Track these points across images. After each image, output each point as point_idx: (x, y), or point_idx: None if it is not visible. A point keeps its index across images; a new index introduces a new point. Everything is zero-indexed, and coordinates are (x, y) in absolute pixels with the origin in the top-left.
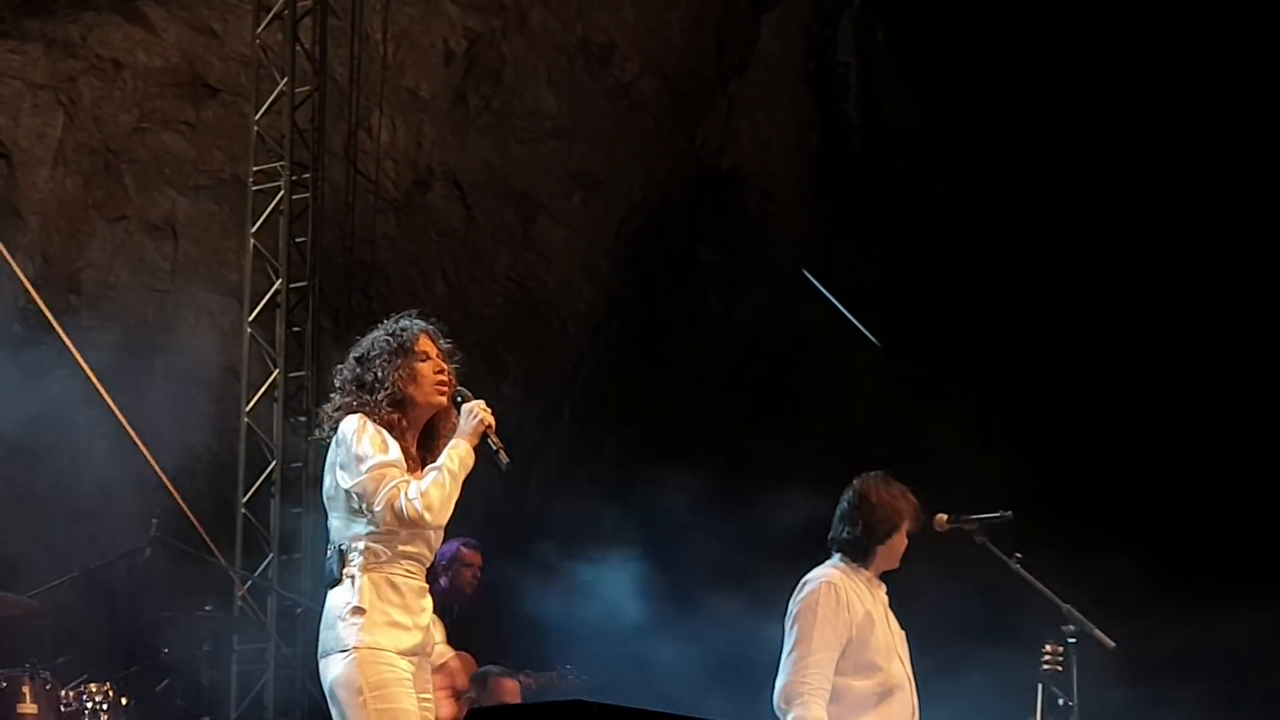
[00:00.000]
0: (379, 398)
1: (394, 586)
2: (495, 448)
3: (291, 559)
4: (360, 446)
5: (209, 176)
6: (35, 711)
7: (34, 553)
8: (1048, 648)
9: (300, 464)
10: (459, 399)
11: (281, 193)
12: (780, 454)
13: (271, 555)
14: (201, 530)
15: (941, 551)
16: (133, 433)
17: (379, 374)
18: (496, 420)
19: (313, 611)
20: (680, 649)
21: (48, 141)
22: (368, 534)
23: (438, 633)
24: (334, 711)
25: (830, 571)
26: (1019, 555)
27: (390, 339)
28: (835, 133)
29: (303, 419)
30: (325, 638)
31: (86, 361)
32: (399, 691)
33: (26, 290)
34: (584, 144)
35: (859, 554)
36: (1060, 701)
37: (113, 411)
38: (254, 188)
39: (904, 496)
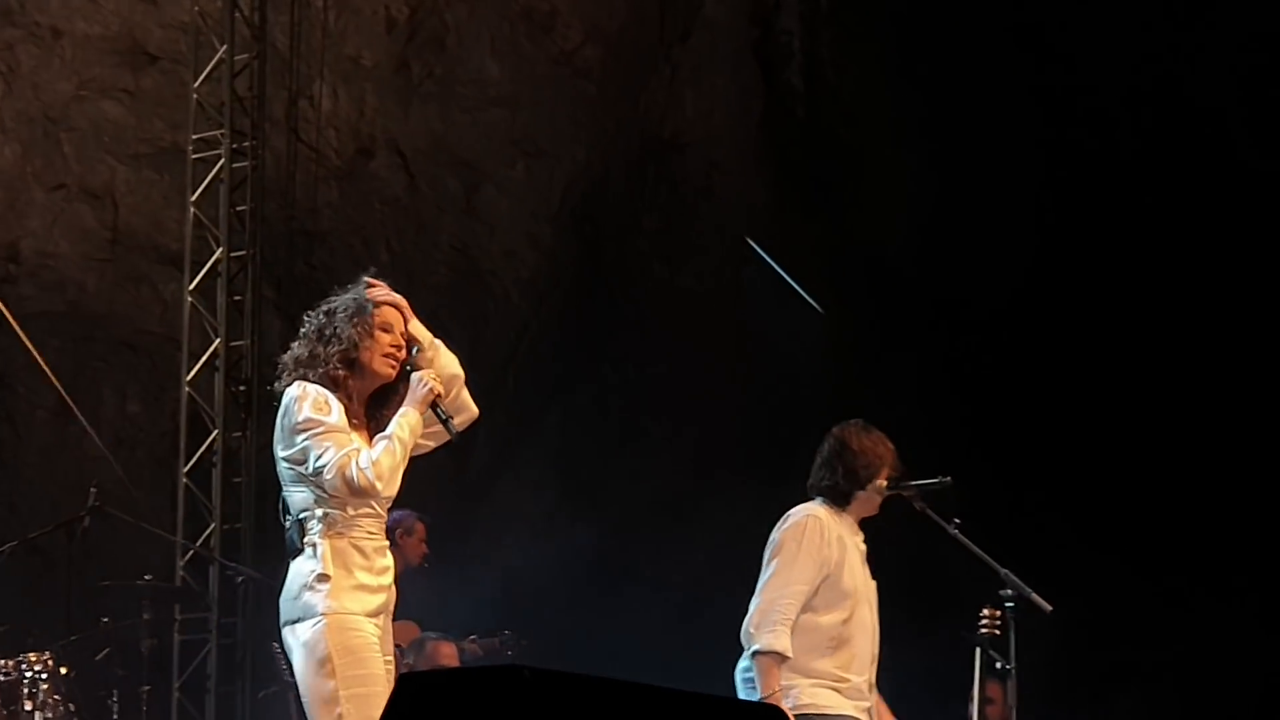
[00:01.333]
0: (331, 351)
1: (358, 549)
2: (444, 416)
3: (233, 529)
4: (303, 412)
5: (149, 145)
6: None
7: None
8: (985, 612)
9: (241, 434)
10: (408, 367)
11: (222, 161)
12: (724, 421)
13: (213, 525)
14: (142, 500)
15: (880, 516)
16: (72, 403)
17: (338, 329)
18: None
19: (255, 582)
20: (625, 616)
21: None
22: (322, 501)
23: None
24: (302, 679)
25: (815, 507)
26: (958, 521)
27: (356, 301)
28: (779, 100)
29: (243, 388)
30: (290, 607)
31: (26, 331)
32: (368, 657)
33: None
34: (527, 112)
35: (839, 498)
36: (998, 665)
37: (53, 381)
38: (194, 156)
39: (883, 443)
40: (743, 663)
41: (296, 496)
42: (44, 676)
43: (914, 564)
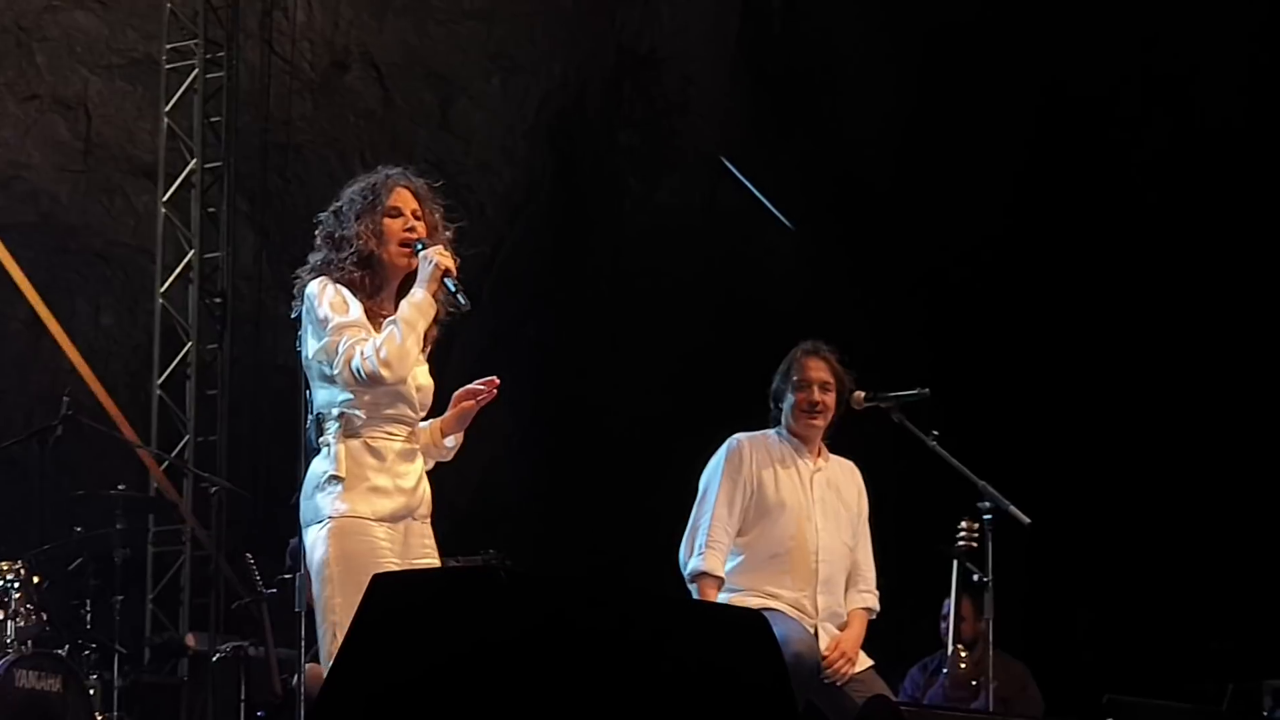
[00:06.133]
0: (345, 255)
1: (372, 450)
2: (455, 289)
3: (208, 441)
4: (321, 309)
5: (122, 55)
6: None
7: None
8: (963, 524)
9: (215, 346)
10: (419, 246)
11: (195, 72)
12: (698, 337)
13: (187, 437)
14: (115, 411)
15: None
16: (47, 311)
17: (347, 231)
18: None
19: (229, 493)
20: (599, 532)
21: None
22: (343, 400)
23: None
24: (311, 582)
25: (743, 435)
26: (936, 433)
27: (362, 193)
28: (755, 16)
29: (218, 300)
30: (304, 507)
31: None
32: (368, 563)
33: None
34: (503, 26)
35: (776, 417)
36: (975, 577)
37: (25, 293)
38: (167, 66)
39: (796, 350)
40: None
41: (320, 394)
42: (16, 585)
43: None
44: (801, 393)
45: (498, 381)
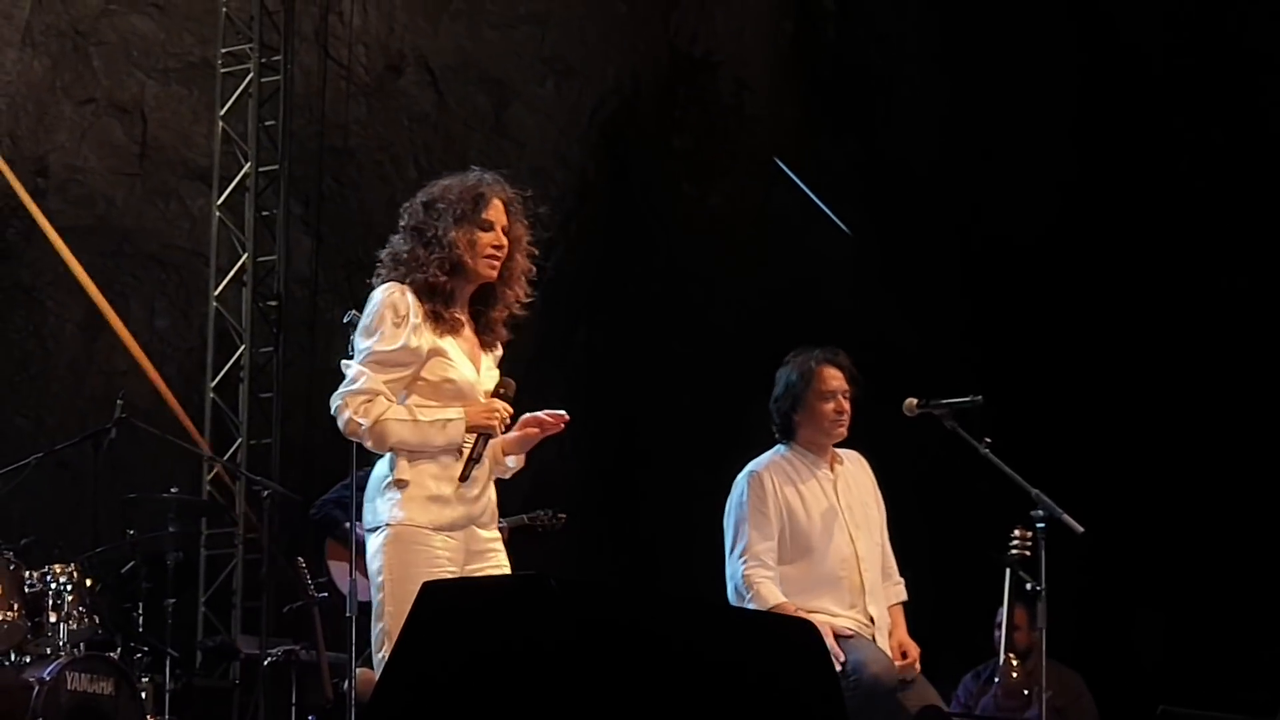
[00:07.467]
0: (432, 256)
1: (434, 457)
2: (477, 456)
3: (260, 444)
4: (374, 324)
5: (178, 59)
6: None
7: (1, 434)
8: (1016, 533)
9: (270, 349)
10: (501, 391)
11: (250, 75)
12: (750, 341)
13: (240, 440)
14: (174, 411)
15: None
16: (111, 310)
17: (439, 232)
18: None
19: (281, 497)
20: (648, 535)
21: (15, 22)
22: (408, 403)
23: None
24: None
25: (757, 464)
26: (989, 440)
27: (462, 199)
28: (809, 20)
29: (272, 303)
30: (366, 510)
31: (53, 245)
32: (422, 572)
33: None
34: (557, 30)
35: (784, 432)
36: (1028, 586)
37: (82, 294)
38: (223, 70)
39: (812, 359)
40: None
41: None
42: (69, 588)
43: (943, 484)
44: (829, 403)
45: (567, 418)
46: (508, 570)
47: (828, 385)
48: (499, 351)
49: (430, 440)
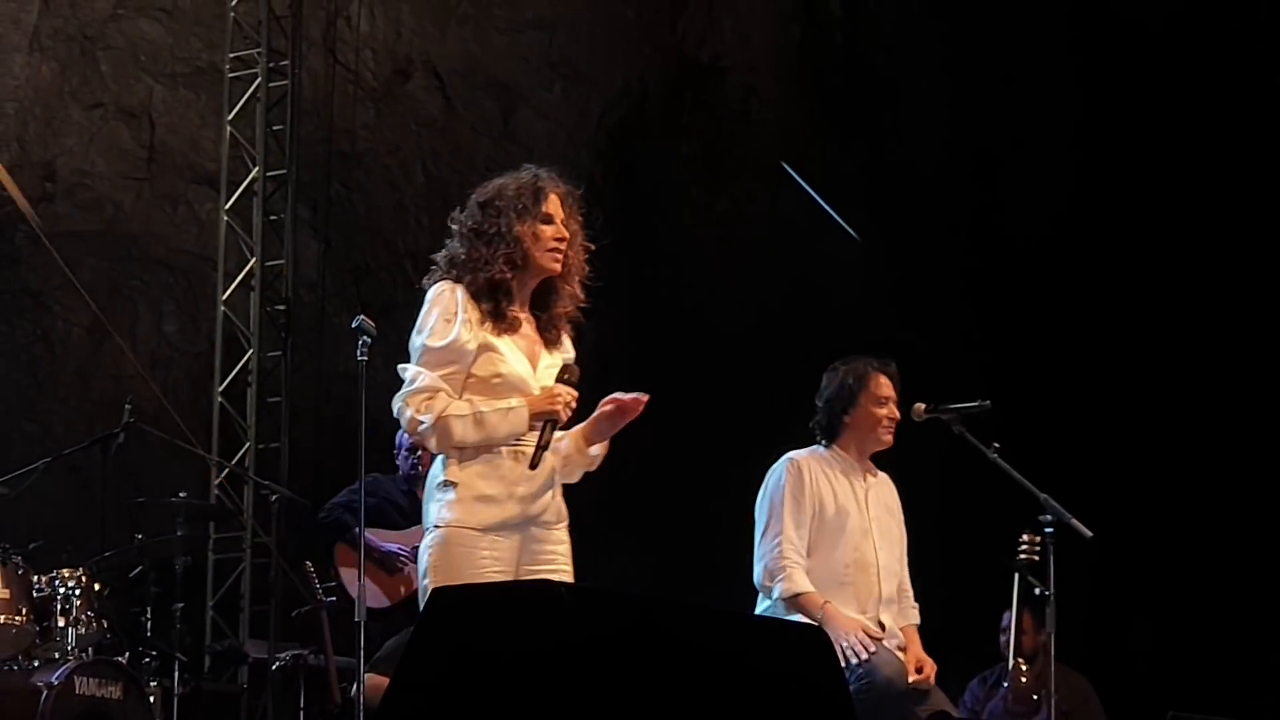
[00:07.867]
0: (496, 253)
1: (486, 458)
2: (545, 443)
3: (269, 448)
4: (424, 322)
5: (185, 64)
6: (7, 596)
7: (9, 439)
8: (1025, 537)
9: (278, 353)
10: (565, 376)
11: (258, 80)
12: (758, 346)
13: (248, 444)
14: (177, 418)
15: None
16: (107, 322)
17: (502, 228)
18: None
19: (289, 501)
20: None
21: (23, 27)
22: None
23: None
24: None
25: (796, 454)
26: (997, 445)
27: (521, 194)
28: (817, 25)
29: (280, 308)
30: (425, 510)
31: (62, 250)
32: (464, 574)
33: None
34: (565, 35)
35: (828, 432)
36: (1036, 590)
37: (89, 300)
38: (230, 75)
39: (869, 365)
40: (759, 606)
41: None
42: (77, 593)
43: (951, 489)
44: (882, 408)
45: (646, 399)
46: (568, 577)
47: (883, 391)
48: (567, 351)
49: (495, 430)
